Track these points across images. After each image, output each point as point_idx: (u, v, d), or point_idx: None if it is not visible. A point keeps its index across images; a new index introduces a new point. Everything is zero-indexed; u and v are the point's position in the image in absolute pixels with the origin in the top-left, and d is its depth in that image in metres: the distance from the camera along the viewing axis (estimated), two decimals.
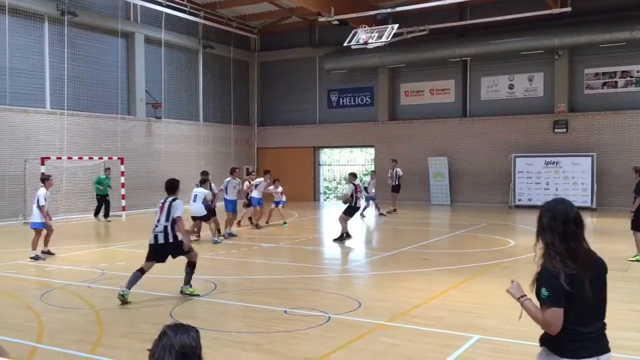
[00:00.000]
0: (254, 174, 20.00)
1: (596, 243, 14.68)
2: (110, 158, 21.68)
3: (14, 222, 18.97)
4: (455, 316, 7.44)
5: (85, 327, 7.15)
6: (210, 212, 14.50)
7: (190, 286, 8.70)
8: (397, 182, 22.40)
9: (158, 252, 8.63)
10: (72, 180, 20.59)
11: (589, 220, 19.64)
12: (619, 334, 6.65)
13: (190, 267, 8.72)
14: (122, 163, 21.74)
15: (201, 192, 14.33)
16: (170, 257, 8.71)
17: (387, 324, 7.15)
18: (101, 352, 6.17)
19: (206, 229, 15.04)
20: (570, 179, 23.16)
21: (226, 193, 15.56)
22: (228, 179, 15.77)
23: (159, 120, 24.77)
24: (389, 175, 22.66)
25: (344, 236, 14.87)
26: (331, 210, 22.07)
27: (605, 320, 3.36)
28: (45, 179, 12.54)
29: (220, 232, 14.86)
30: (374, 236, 17.72)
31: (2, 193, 19.10)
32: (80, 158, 20.79)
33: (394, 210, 22.14)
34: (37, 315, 7.68)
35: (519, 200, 24.10)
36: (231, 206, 15.58)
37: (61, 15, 20.83)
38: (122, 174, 21.68)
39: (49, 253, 12.39)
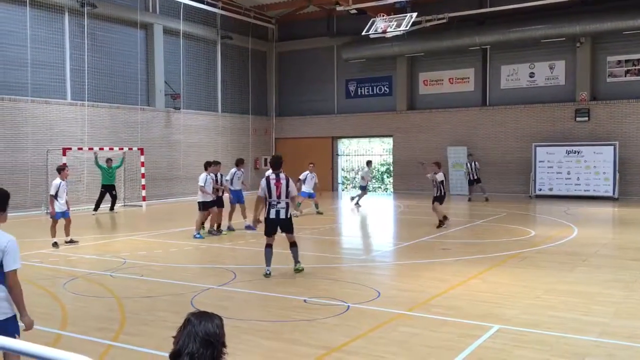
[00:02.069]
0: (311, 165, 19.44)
1: (618, 233, 14.57)
2: (130, 149, 21.89)
3: (38, 212, 19.26)
4: (475, 306, 7.41)
5: (108, 315, 7.26)
6: (218, 202, 14.33)
7: (300, 263, 9.57)
8: (476, 176, 22.78)
9: (276, 227, 9.41)
10: (94, 170, 20.81)
11: (610, 210, 19.41)
12: None
13: (295, 245, 9.56)
14: (142, 154, 21.93)
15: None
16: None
17: (407, 314, 7.15)
18: (125, 340, 6.26)
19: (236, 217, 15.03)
20: (592, 168, 22.85)
21: (231, 184, 15.38)
22: (234, 170, 15.56)
23: (178, 111, 24.94)
24: (466, 170, 23.10)
25: (443, 221, 15.05)
26: (349, 201, 22.04)
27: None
28: (61, 169, 12.55)
29: (219, 227, 14.67)
30: (393, 226, 17.69)
31: (25, 184, 19.40)
32: (101, 149, 21.01)
33: (486, 199, 22.41)
34: (61, 303, 7.81)
35: (540, 190, 23.86)
36: (236, 197, 15.45)
37: (81, 7, 21.01)
38: (142, 164, 21.89)
39: (71, 242, 12.57)
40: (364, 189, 21.39)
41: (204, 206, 13.89)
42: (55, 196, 12.23)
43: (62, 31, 20.82)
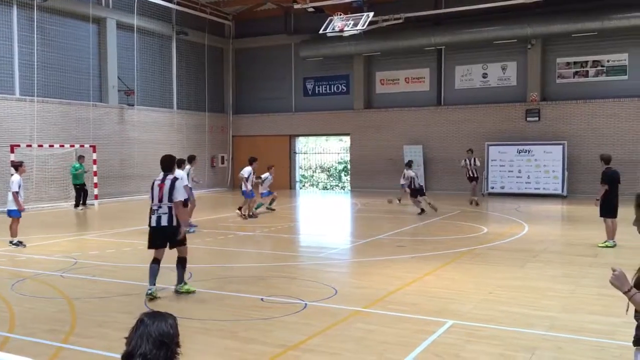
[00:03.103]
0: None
1: (566, 230, 15.03)
2: (82, 146, 21.33)
3: None
4: (430, 302, 7.53)
5: (58, 316, 7.06)
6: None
7: (185, 283, 8.15)
8: (474, 174, 20.56)
9: (160, 236, 7.98)
10: (43, 168, 20.20)
11: (559, 208, 20.01)
12: (590, 317, 6.83)
13: (182, 263, 8.12)
14: (94, 151, 21.41)
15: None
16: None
17: (363, 310, 7.20)
18: (75, 342, 6.10)
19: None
20: (542, 167, 23.52)
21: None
22: (188, 166, 15.34)
23: (132, 108, 24.43)
24: (463, 165, 20.80)
25: (422, 211, 17.53)
26: (306, 199, 22.06)
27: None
28: (18, 165, 12.43)
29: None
30: (349, 224, 17.80)
31: None
32: (51, 146, 20.41)
33: (476, 202, 20.14)
34: (9, 305, 7.55)
35: (492, 188, 24.42)
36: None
37: (30, 0, 20.33)
38: (95, 162, 21.37)
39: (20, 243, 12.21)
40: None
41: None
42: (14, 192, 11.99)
43: (10, 24, 20.08)
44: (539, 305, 7.37)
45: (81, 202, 20.34)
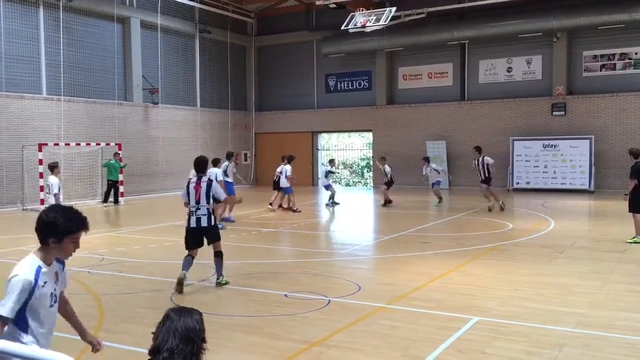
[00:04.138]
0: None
1: (594, 225, 14.79)
2: (107, 144, 21.63)
3: (13, 209, 18.96)
4: (454, 298, 7.48)
5: (86, 312, 7.16)
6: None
7: (223, 276, 8.36)
8: (487, 174, 17.30)
9: (199, 237, 8.30)
10: (70, 166, 20.53)
11: (586, 203, 19.70)
12: (619, 314, 6.72)
13: (220, 257, 8.35)
14: (119, 149, 21.68)
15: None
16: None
17: (387, 307, 7.18)
18: (103, 337, 6.14)
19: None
20: (569, 161, 23.16)
21: (227, 176, 15.64)
22: (226, 163, 15.80)
23: (156, 106, 24.69)
24: (474, 166, 17.72)
25: (387, 203, 18.98)
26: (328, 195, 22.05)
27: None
28: (54, 167, 12.78)
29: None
30: (373, 220, 17.75)
31: (0, 180, 19.07)
32: (78, 144, 20.72)
33: (500, 207, 17.09)
34: None
35: (517, 183, 24.13)
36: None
37: (56, 0, 20.66)
38: (121, 159, 21.65)
39: None
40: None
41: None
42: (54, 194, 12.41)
43: (37, 25, 20.45)
44: (566, 301, 7.27)
45: (110, 199, 20.57)
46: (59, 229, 3.25)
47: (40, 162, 18.48)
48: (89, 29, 22.19)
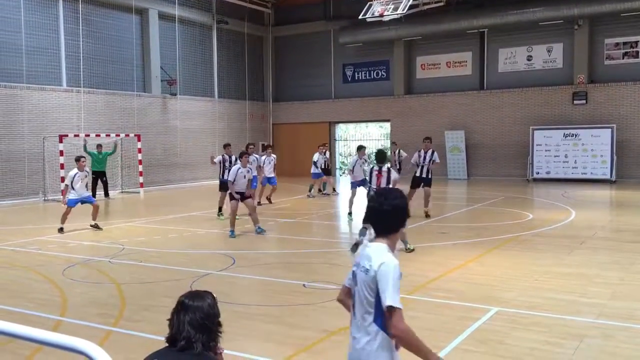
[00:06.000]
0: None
1: (615, 215, 14.60)
2: (127, 135, 21.81)
3: (35, 200, 19.24)
4: (473, 289, 7.45)
5: (107, 300, 7.27)
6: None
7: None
8: (424, 174, 14.79)
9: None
10: (87, 158, 20.68)
11: (608, 193, 19.45)
12: None
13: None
14: (139, 140, 21.85)
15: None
16: None
17: (406, 297, 7.16)
18: (124, 325, 6.28)
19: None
20: (590, 151, 22.86)
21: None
22: (256, 155, 16.58)
23: (175, 97, 24.82)
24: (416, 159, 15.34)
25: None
26: (347, 185, 22.01)
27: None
28: (77, 160, 13.15)
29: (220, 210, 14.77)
30: None
31: (22, 171, 19.34)
32: (98, 135, 20.91)
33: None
34: (61, 290, 7.82)
35: (537, 173, 23.88)
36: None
37: None
38: (140, 150, 21.82)
39: (96, 227, 12.93)
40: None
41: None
42: (71, 185, 12.72)
43: (57, 17, 20.62)
44: (587, 292, 7.20)
45: (104, 192, 19.73)
46: (405, 213, 3.07)
47: (61, 153, 18.70)
48: (107, 21, 22.34)
